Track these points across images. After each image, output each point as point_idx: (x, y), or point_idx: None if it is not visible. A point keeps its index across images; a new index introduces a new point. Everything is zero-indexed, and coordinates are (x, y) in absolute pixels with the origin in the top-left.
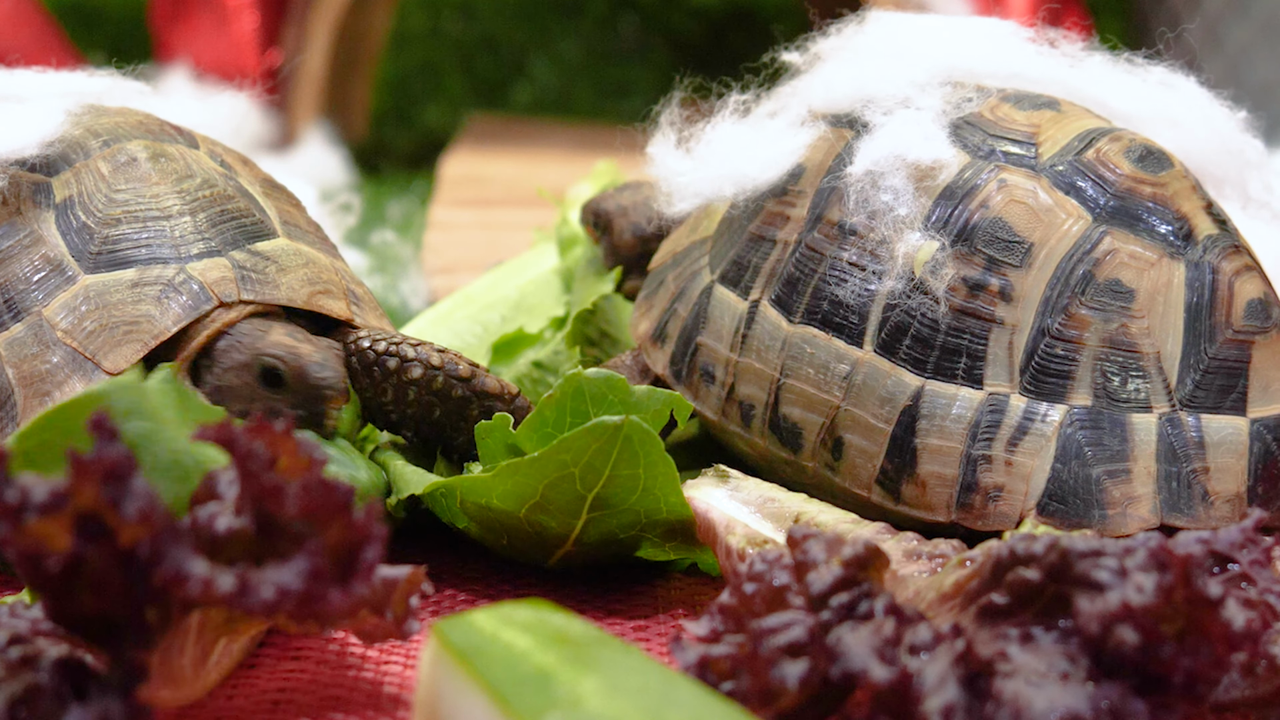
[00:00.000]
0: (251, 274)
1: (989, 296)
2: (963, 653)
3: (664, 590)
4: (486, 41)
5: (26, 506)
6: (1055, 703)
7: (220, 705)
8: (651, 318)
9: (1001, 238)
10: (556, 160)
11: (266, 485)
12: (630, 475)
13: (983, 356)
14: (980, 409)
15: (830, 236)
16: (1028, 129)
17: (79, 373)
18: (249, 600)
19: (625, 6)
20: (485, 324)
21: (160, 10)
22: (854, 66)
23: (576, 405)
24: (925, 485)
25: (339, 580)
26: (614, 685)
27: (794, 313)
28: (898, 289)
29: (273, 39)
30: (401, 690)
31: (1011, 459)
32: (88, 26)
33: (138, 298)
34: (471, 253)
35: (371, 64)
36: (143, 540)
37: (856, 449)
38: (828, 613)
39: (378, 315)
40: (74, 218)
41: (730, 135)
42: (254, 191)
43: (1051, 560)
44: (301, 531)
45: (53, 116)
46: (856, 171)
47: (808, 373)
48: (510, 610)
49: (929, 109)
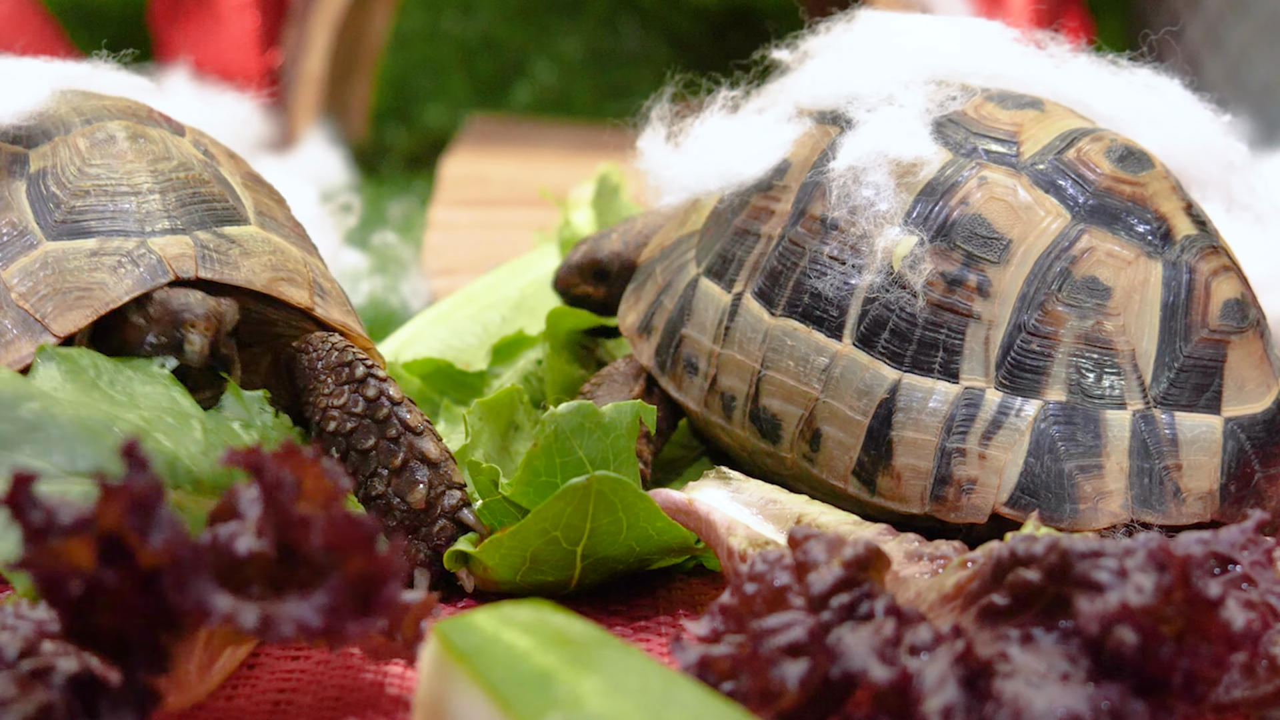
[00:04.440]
0: (214, 254)
1: (967, 292)
2: (963, 653)
3: (664, 591)
4: (487, 41)
5: (52, 528)
6: (1055, 703)
7: (221, 706)
8: (638, 310)
9: (980, 234)
10: (557, 160)
11: (293, 516)
12: (611, 521)
13: (959, 351)
14: (956, 403)
15: (813, 231)
16: (1010, 128)
17: (28, 334)
18: (269, 634)
19: (625, 7)
20: (485, 324)
21: (160, 10)
22: (840, 64)
23: (560, 445)
24: (900, 477)
25: (357, 614)
26: (614, 685)
27: (776, 305)
28: (877, 283)
29: (273, 39)
30: (402, 691)
31: (985, 452)
32: (88, 26)
33: (94, 266)
34: (472, 253)
35: (371, 64)
36: (165, 567)
37: (834, 441)
38: (828, 613)
39: (344, 311)
40: (44, 187)
41: (718, 130)
42: (233, 181)
43: (1051, 561)
44: (324, 563)
45: (38, 94)
46: (839, 167)
47: (788, 365)
48: (511, 611)
49: (912, 106)
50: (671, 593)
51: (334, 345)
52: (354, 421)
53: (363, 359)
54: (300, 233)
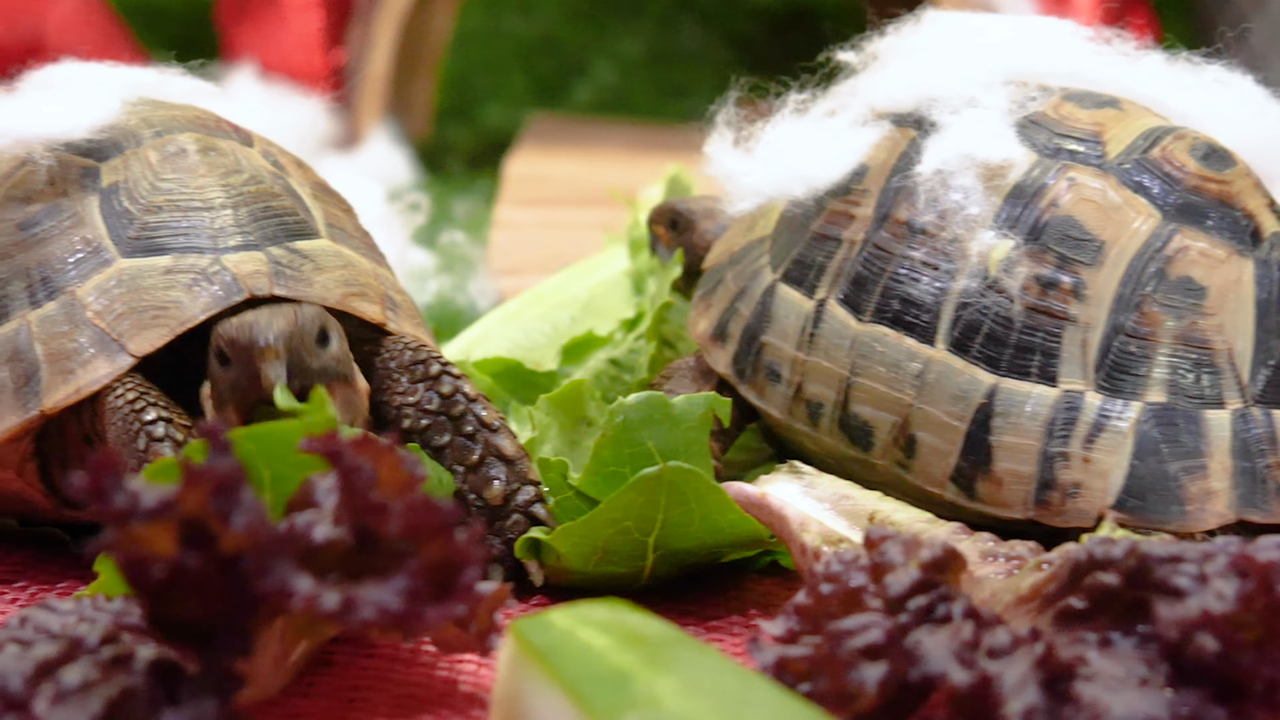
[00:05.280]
0: (286, 270)
1: (1062, 294)
2: (1043, 656)
3: (736, 591)
4: (547, 41)
5: (135, 512)
6: (1134, 708)
7: (296, 702)
8: (710, 317)
9: (1073, 236)
10: (618, 160)
11: (371, 502)
12: (683, 512)
13: (1057, 354)
14: (1056, 406)
15: (898, 235)
16: (1092, 127)
17: (105, 353)
18: (350, 618)
19: (686, 6)
20: (555, 324)
21: (225, 9)
22: (915, 66)
23: (629, 436)
24: (1001, 482)
25: (435, 599)
26: (692, 685)
27: (863, 311)
28: (971, 287)
29: (337, 38)
30: (475, 688)
31: (1089, 455)
32: (151, 25)
33: (169, 284)
34: (537, 252)
35: (434, 63)
36: (247, 551)
37: (930, 447)
38: (905, 615)
39: (415, 324)
40: (117, 203)
41: (790, 134)
42: (302, 193)
43: (1130, 565)
44: (402, 550)
45: (108, 104)
46: (925, 170)
47: (878, 371)
48: (587, 610)
49: (995, 108)
50: (744, 593)
51: (407, 345)
52: (429, 419)
53: (437, 356)
54: (369, 243)
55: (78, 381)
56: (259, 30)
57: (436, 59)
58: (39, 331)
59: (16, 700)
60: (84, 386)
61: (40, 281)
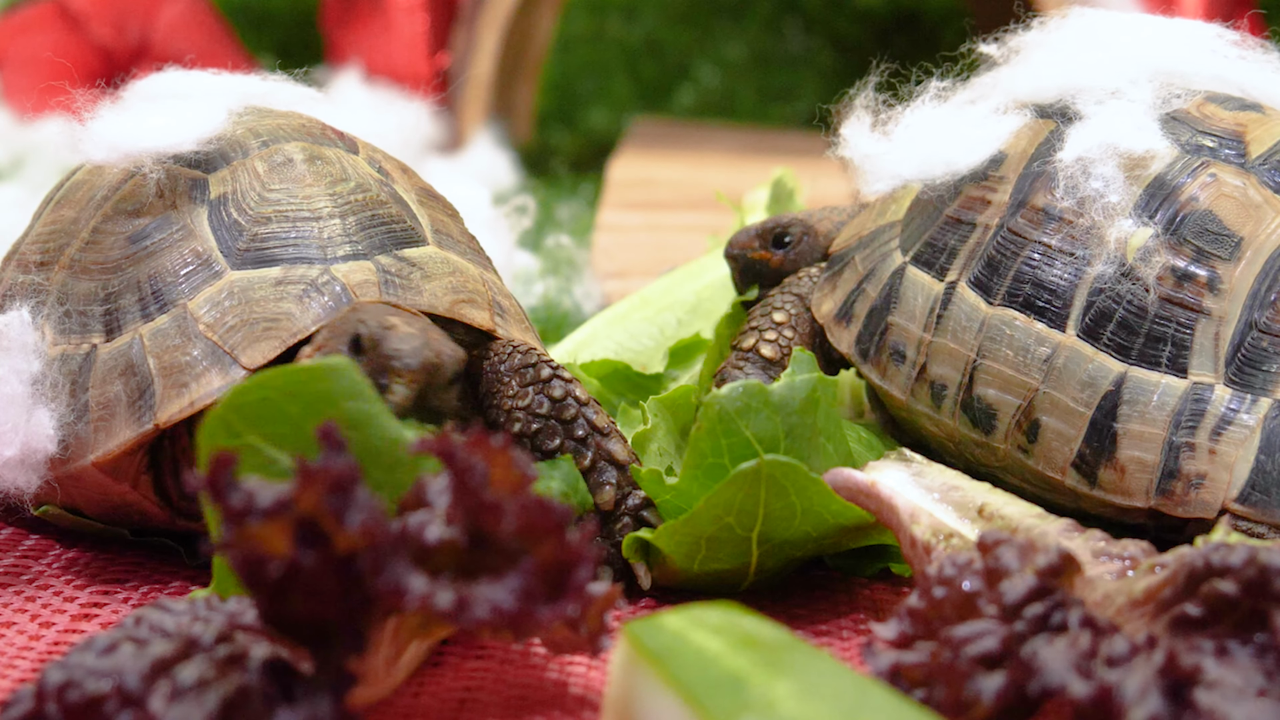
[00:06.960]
0: (395, 278)
1: (1197, 287)
2: (1164, 664)
3: (846, 595)
4: (650, 44)
5: (251, 511)
6: (1254, 718)
7: (407, 703)
8: (836, 298)
9: (1211, 230)
10: (722, 163)
11: (484, 501)
12: (784, 505)
13: (1188, 346)
14: (1184, 397)
15: (1034, 221)
16: (1235, 128)
17: (217, 366)
18: (464, 616)
19: (790, 10)
20: (661, 327)
21: (331, 13)
22: (1061, 58)
23: (726, 428)
24: (1124, 470)
25: (548, 599)
26: (808, 690)
27: (993, 295)
28: (1106, 274)
29: (442, 41)
30: (586, 691)
31: (1215, 448)
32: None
33: (280, 295)
34: (642, 255)
35: (537, 66)
36: (362, 550)
37: (1053, 432)
38: (1021, 624)
39: (523, 329)
40: (226, 214)
41: (929, 120)
42: (408, 199)
43: (1250, 575)
44: (515, 549)
45: (214, 115)
46: (1067, 158)
47: (1006, 354)
48: (700, 613)
49: (1140, 101)
50: (854, 598)
51: (516, 348)
52: (539, 422)
53: (547, 360)
54: (475, 247)
55: (191, 395)
56: (364, 34)
57: (539, 63)
58: (152, 345)
59: (133, 697)
60: (198, 400)
61: (152, 295)
